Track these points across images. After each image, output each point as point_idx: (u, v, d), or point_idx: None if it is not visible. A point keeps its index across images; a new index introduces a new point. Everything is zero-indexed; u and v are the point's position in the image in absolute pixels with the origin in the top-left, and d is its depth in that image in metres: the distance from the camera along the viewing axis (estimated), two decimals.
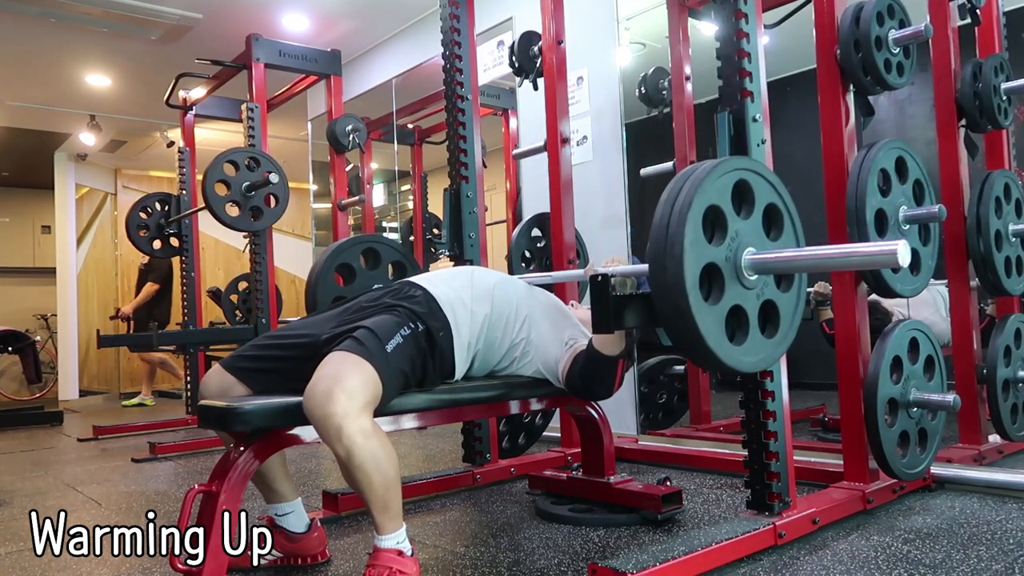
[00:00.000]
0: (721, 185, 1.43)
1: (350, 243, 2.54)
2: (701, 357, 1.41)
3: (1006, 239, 2.43)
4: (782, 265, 1.46)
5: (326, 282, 2.44)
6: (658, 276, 1.37)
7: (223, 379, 1.72)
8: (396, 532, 1.50)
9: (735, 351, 1.43)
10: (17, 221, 9.24)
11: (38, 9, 4.24)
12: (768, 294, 1.50)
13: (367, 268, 2.52)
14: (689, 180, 1.40)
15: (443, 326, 1.73)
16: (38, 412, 5.65)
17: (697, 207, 1.37)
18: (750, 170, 1.49)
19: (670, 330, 1.41)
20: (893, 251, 1.31)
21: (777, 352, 1.54)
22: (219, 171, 3.67)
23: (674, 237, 1.35)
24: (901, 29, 2.14)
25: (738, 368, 1.44)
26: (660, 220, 1.38)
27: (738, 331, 1.46)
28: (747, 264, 1.44)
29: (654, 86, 3.29)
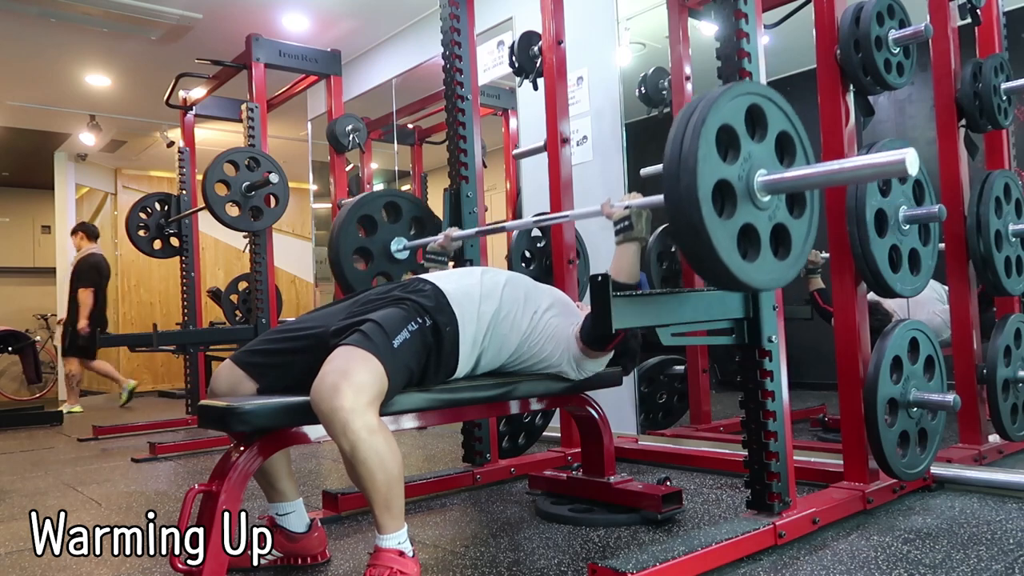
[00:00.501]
0: (735, 106, 1.45)
1: (373, 196, 2.59)
2: (714, 272, 1.42)
3: (1006, 239, 2.43)
4: (794, 183, 1.48)
5: (348, 233, 2.49)
6: (672, 189, 1.39)
7: (233, 374, 1.73)
8: (398, 532, 1.50)
9: (747, 267, 1.45)
10: (17, 221, 9.25)
11: (38, 9, 4.24)
12: (780, 218, 1.52)
13: (388, 221, 2.58)
14: (703, 100, 1.43)
15: (450, 322, 1.73)
16: (38, 412, 5.65)
17: (711, 124, 1.39)
18: (763, 96, 1.51)
19: (684, 246, 1.42)
20: (901, 159, 1.32)
21: (788, 274, 1.55)
22: (219, 171, 3.68)
23: (688, 151, 1.37)
24: (901, 29, 2.14)
25: (750, 284, 1.45)
26: (675, 136, 1.40)
27: (750, 250, 1.47)
28: (760, 185, 1.46)
29: (654, 86, 3.29)
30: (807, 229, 1.57)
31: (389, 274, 2.60)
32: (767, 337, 1.82)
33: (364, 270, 2.56)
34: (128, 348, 4.88)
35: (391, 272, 2.60)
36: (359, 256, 2.55)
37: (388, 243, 2.58)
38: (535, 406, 2.12)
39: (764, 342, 1.81)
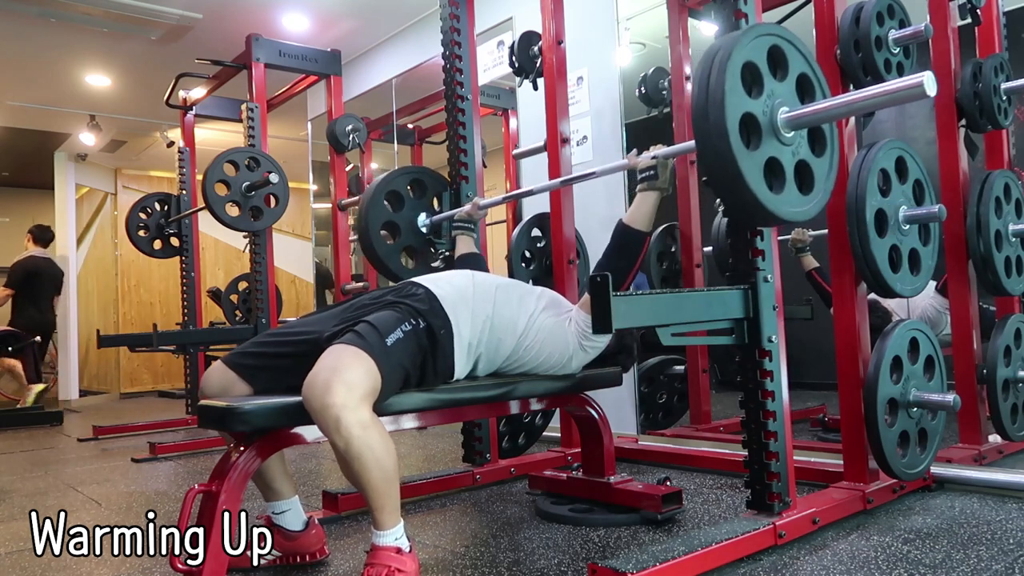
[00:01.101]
0: (757, 45, 1.52)
1: (400, 172, 2.66)
2: (743, 201, 1.49)
3: (1006, 239, 2.43)
4: (815, 117, 1.55)
5: (378, 206, 2.56)
6: (700, 123, 1.46)
7: (224, 376, 1.72)
8: (394, 528, 1.50)
9: (774, 199, 1.52)
10: (17, 221, 9.23)
11: (38, 9, 4.24)
12: (803, 154, 1.60)
13: (414, 197, 2.65)
14: (727, 39, 1.50)
15: (444, 324, 1.73)
16: (38, 412, 5.64)
17: (736, 60, 1.46)
18: (783, 38, 1.58)
19: (713, 177, 1.48)
20: (919, 83, 1.37)
21: (813, 208, 1.62)
22: (219, 171, 3.69)
23: (715, 84, 1.44)
24: (901, 29, 2.14)
25: (777, 213, 1.52)
26: (701, 73, 1.48)
27: (775, 183, 1.54)
28: (783, 122, 1.54)
29: (654, 86, 3.29)
30: (828, 167, 1.65)
31: (415, 248, 2.66)
32: (767, 337, 1.82)
33: (392, 244, 2.62)
34: (128, 348, 4.87)
35: (417, 246, 2.66)
36: (387, 230, 2.62)
37: (415, 218, 2.65)
38: (535, 406, 2.12)
39: (764, 342, 1.81)
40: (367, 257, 2.62)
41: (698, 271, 3.18)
